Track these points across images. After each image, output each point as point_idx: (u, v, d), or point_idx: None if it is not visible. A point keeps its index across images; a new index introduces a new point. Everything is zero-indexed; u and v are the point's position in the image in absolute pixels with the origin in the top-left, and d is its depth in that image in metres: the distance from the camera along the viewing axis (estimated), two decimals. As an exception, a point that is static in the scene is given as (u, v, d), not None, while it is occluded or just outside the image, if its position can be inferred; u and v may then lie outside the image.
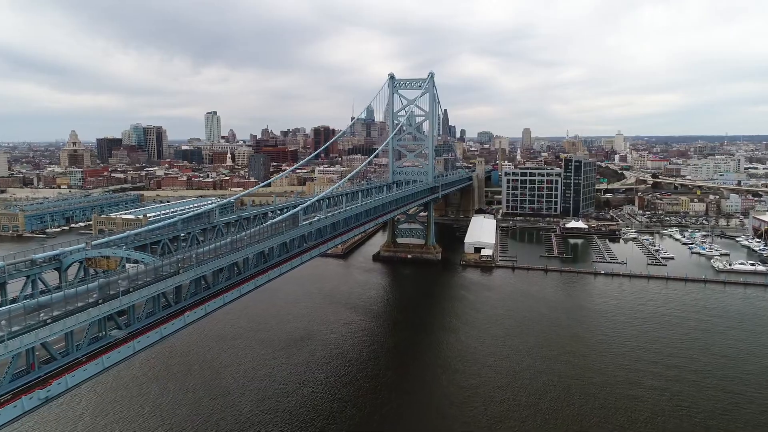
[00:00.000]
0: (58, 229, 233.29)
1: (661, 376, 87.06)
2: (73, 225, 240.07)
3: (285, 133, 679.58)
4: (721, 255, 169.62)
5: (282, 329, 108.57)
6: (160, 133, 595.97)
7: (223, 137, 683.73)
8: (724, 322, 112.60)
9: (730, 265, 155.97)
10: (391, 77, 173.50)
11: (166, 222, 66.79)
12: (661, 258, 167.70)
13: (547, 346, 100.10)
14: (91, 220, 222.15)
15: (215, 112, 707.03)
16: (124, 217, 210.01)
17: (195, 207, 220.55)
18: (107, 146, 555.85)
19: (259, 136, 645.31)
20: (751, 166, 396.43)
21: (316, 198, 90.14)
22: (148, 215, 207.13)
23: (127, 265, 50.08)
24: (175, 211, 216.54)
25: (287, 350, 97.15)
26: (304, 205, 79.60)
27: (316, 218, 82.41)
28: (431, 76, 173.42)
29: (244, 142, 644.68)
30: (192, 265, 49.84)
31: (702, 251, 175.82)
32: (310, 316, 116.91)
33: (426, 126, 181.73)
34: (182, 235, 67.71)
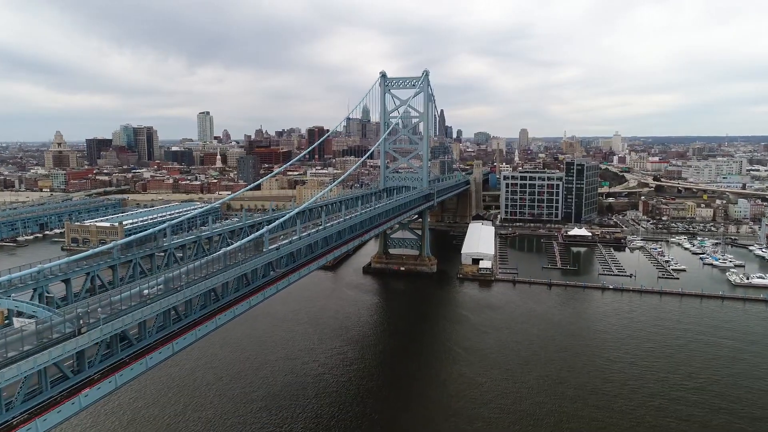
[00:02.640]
0: (31, 237, 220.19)
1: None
2: (47, 232, 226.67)
3: (280, 134, 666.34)
4: (736, 266, 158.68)
5: (264, 370, 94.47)
6: (150, 133, 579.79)
7: (216, 138, 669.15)
8: (753, 348, 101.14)
9: (748, 278, 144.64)
10: (383, 75, 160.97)
11: (98, 249, 54.31)
12: (672, 270, 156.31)
13: (566, 382, 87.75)
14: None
15: (208, 112, 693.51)
16: (98, 224, 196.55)
17: (177, 213, 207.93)
18: (96, 147, 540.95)
19: (253, 137, 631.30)
20: (753, 168, 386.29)
21: (290, 214, 77.38)
22: (124, 222, 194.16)
23: (16, 320, 37.75)
24: (155, 218, 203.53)
25: (267, 401, 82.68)
26: (272, 225, 67.00)
27: (286, 240, 69.72)
28: (426, 74, 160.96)
29: (237, 142, 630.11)
30: (98, 321, 37.50)
31: (715, 262, 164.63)
32: (295, 349, 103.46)
33: (421, 127, 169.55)
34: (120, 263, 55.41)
